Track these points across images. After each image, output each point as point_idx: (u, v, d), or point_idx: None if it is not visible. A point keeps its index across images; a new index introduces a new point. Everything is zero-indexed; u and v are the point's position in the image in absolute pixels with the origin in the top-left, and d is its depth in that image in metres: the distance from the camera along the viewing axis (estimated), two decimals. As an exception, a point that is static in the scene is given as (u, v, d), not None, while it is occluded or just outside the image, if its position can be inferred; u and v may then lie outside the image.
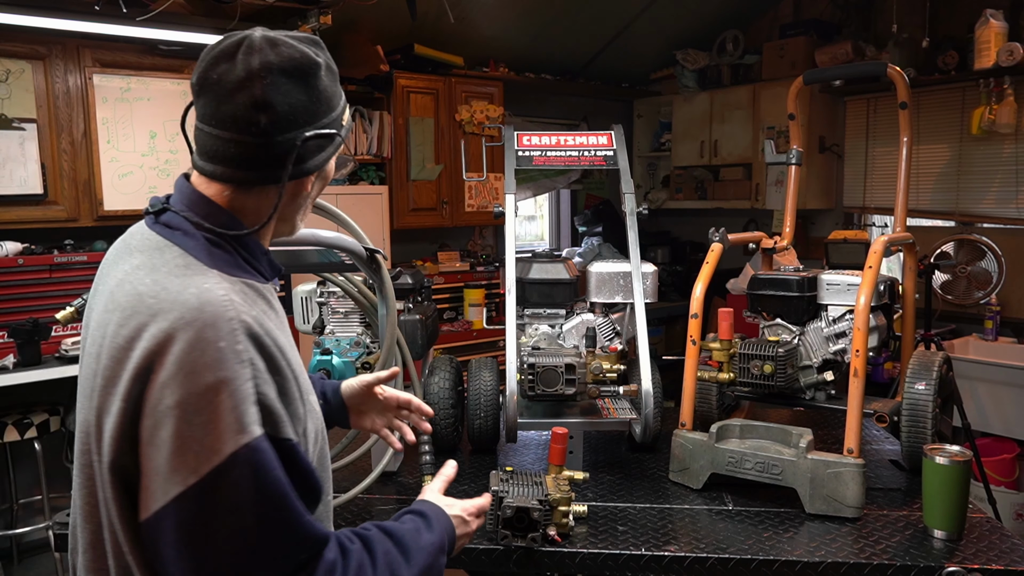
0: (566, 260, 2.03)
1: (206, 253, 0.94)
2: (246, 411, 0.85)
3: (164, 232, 0.96)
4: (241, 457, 0.83)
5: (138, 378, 0.85)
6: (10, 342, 3.13)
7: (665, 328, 5.81)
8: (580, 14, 4.89)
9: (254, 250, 1.01)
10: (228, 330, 0.86)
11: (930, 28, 4.40)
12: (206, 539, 0.83)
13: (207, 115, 0.95)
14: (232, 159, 0.95)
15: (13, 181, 3.27)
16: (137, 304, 0.89)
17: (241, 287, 0.94)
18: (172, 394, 0.83)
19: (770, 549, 1.42)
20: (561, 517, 1.44)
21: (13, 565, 3.53)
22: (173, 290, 0.89)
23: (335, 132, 1.00)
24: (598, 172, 6.05)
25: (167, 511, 0.83)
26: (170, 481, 0.83)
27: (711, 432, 1.69)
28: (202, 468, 0.82)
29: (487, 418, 1.86)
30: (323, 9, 3.51)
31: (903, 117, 2.04)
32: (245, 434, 0.84)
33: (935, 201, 4.60)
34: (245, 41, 0.94)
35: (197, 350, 0.84)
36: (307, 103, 0.96)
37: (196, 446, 0.83)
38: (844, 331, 1.86)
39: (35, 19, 3.07)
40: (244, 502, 0.84)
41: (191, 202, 0.97)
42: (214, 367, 0.84)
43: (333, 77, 1.02)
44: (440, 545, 1.08)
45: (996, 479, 3.63)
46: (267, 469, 0.85)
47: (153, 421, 0.84)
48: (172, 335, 0.85)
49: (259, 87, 0.92)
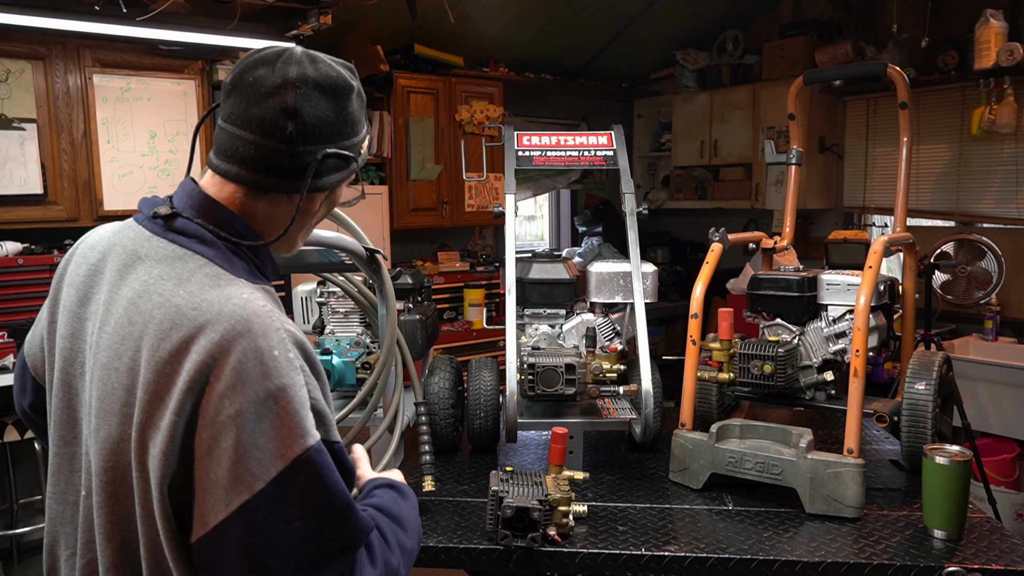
0: (566, 260, 2.03)
1: (227, 262, 0.95)
2: (305, 416, 0.86)
3: (180, 240, 0.95)
4: (305, 460, 0.84)
5: (190, 392, 0.84)
6: (10, 342, 3.13)
7: (665, 328, 5.81)
8: (580, 14, 4.89)
9: (264, 257, 1.03)
10: (279, 339, 0.88)
11: (930, 28, 4.40)
12: (273, 545, 0.83)
13: (235, 115, 0.96)
14: (251, 161, 0.96)
15: (13, 181, 3.27)
16: (177, 316, 0.88)
17: (263, 294, 0.96)
18: (232, 404, 0.84)
19: (770, 549, 1.43)
20: (561, 517, 1.44)
21: (13, 565, 3.53)
22: (215, 301, 0.89)
23: (353, 156, 1.02)
24: (598, 172, 6.05)
25: (230, 523, 0.83)
26: (232, 491, 0.83)
27: (711, 432, 1.69)
28: (267, 474, 0.83)
29: (487, 418, 1.86)
30: (323, 9, 3.51)
31: (903, 117, 2.04)
32: (307, 438, 0.86)
33: (935, 201, 4.60)
34: (287, 52, 0.98)
35: (254, 359, 0.85)
36: (334, 121, 0.98)
37: (259, 453, 0.83)
38: (844, 331, 1.86)
39: (35, 19, 3.07)
40: (310, 504, 0.85)
41: (203, 208, 0.97)
42: (272, 375, 0.85)
43: (362, 105, 1.05)
44: (415, 504, 1.11)
45: (996, 479, 3.63)
46: (329, 471, 0.87)
47: (212, 433, 0.84)
48: (226, 347, 0.85)
49: (292, 95, 0.94)
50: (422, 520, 1.55)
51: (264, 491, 0.83)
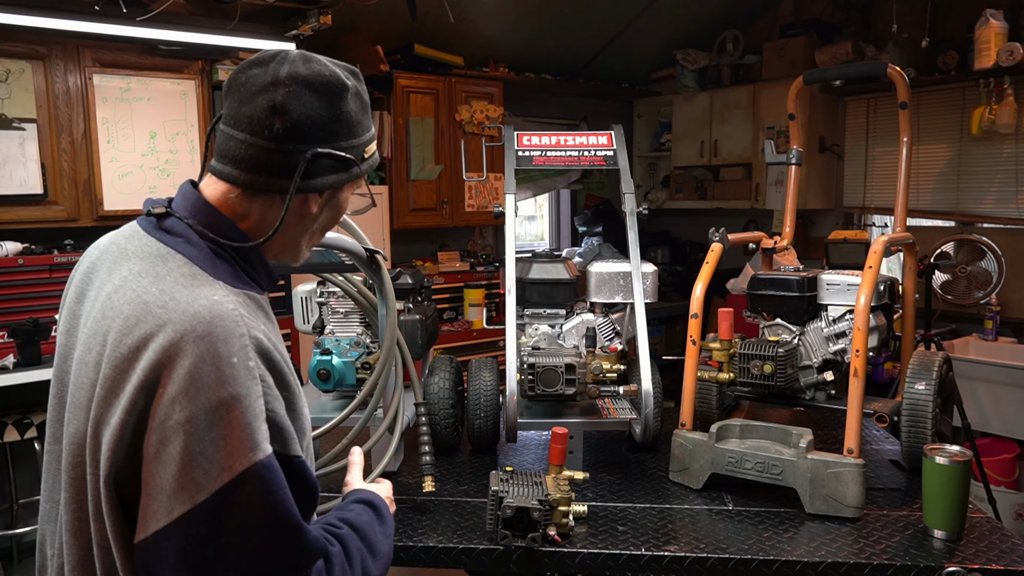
0: (566, 260, 2.03)
1: (210, 263, 0.94)
2: (258, 428, 0.84)
3: (165, 239, 0.95)
4: (252, 475, 0.82)
5: (143, 390, 0.83)
6: (10, 342, 3.13)
7: (665, 328, 5.81)
8: (580, 14, 4.89)
9: (254, 262, 1.00)
10: (240, 346, 0.85)
11: (930, 28, 4.40)
12: (213, 559, 0.81)
13: (229, 115, 0.97)
14: (241, 160, 0.95)
15: (13, 181, 3.27)
16: (143, 313, 0.86)
17: (244, 299, 0.94)
18: (182, 409, 0.81)
19: (770, 549, 1.42)
20: (561, 517, 1.44)
21: (13, 565, 3.53)
22: (182, 301, 0.87)
23: (350, 158, 1.00)
24: (598, 172, 6.05)
25: (170, 531, 0.81)
26: (175, 499, 0.80)
27: (711, 432, 1.69)
28: (212, 485, 0.80)
29: (487, 418, 1.86)
30: (323, 9, 3.51)
31: (903, 117, 2.04)
32: (257, 451, 0.83)
33: (935, 201, 4.60)
34: (281, 53, 0.97)
35: (210, 365, 0.83)
36: (325, 120, 0.96)
37: (206, 463, 0.81)
38: (844, 331, 1.86)
39: (35, 19, 3.07)
40: (254, 520, 0.82)
41: (195, 209, 0.97)
42: (227, 383, 0.83)
43: (362, 106, 1.02)
44: (391, 532, 1.10)
45: (996, 479, 3.63)
46: (277, 487, 0.84)
47: (160, 437, 0.82)
48: (182, 348, 0.83)
49: (281, 93, 0.93)
50: (422, 520, 1.55)
51: (207, 502, 0.80)
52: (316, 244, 1.11)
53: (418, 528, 1.52)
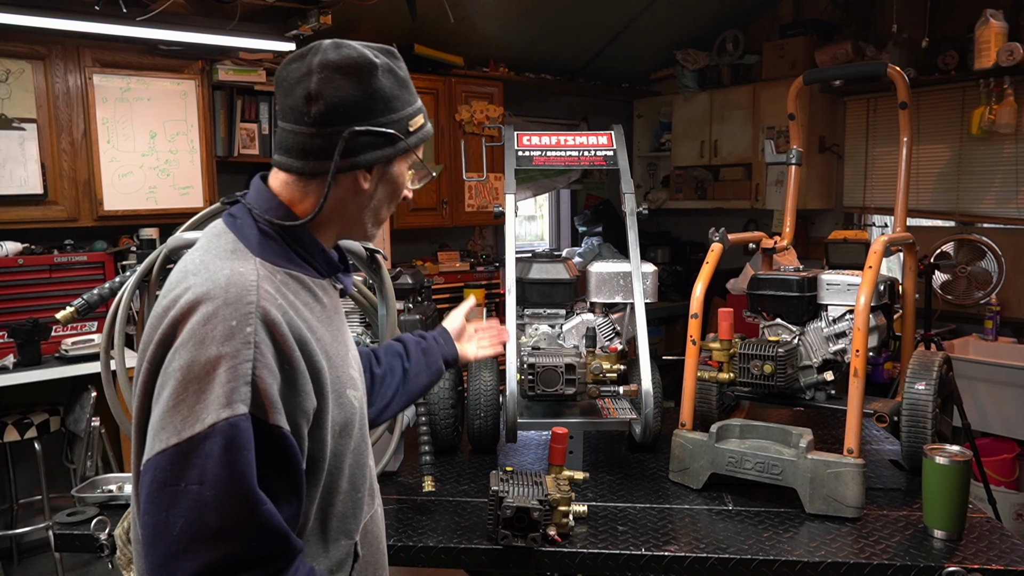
0: (566, 260, 2.03)
1: (257, 242, 1.02)
2: (237, 388, 0.88)
3: (227, 220, 1.05)
4: (219, 429, 0.86)
5: (162, 342, 0.91)
6: (10, 342, 3.13)
7: (665, 328, 5.80)
8: (580, 14, 4.89)
9: (308, 245, 1.06)
10: (244, 312, 0.91)
11: (930, 28, 4.40)
12: (169, 500, 0.85)
13: (278, 110, 1.06)
14: (291, 148, 1.03)
15: (13, 181, 3.27)
16: (181, 278, 0.96)
17: (283, 277, 1.00)
18: (179, 358, 0.89)
19: (770, 549, 1.43)
20: (561, 517, 1.44)
21: (13, 565, 3.53)
22: (212, 269, 0.95)
23: (393, 133, 1.05)
24: (598, 172, 6.05)
25: (148, 465, 0.88)
26: (157, 438, 0.87)
27: (711, 432, 1.69)
28: (184, 432, 0.86)
29: (487, 418, 1.86)
30: (323, 9, 3.51)
31: (903, 117, 2.04)
32: (229, 408, 0.87)
33: (935, 201, 4.60)
34: (315, 45, 1.04)
35: (210, 323, 0.90)
36: (359, 99, 1.02)
37: (185, 410, 0.87)
38: (844, 331, 1.86)
39: (35, 19, 3.07)
40: (209, 473, 0.85)
41: (256, 196, 1.06)
42: (220, 341, 0.89)
43: (397, 82, 1.07)
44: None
45: (996, 479, 3.63)
46: (239, 447, 0.87)
47: (162, 381, 0.90)
48: (195, 307, 0.91)
49: (314, 81, 1.00)
50: (422, 520, 1.55)
51: (177, 446, 0.86)
52: (383, 220, 1.16)
53: (418, 528, 1.52)
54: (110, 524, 1.53)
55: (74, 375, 3.17)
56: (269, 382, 0.91)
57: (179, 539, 0.85)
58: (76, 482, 3.17)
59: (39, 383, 3.10)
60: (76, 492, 1.69)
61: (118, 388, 1.60)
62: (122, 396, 1.59)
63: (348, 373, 1.07)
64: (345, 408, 1.04)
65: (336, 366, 1.03)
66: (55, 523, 1.58)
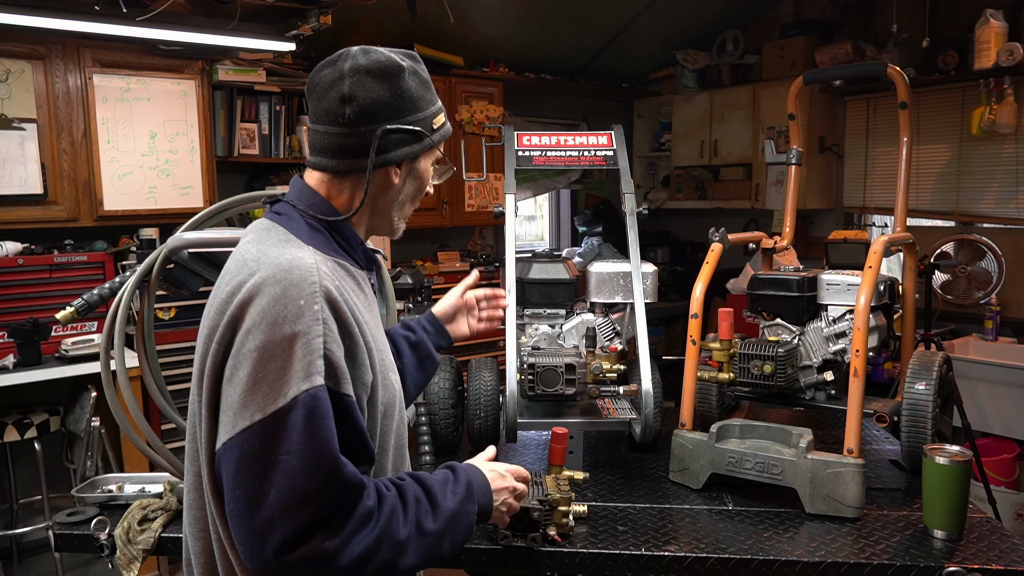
0: (566, 260, 2.03)
1: (305, 234, 1.09)
2: (313, 362, 0.95)
3: (273, 216, 1.13)
4: (301, 401, 0.92)
5: (231, 324, 0.97)
6: (10, 342, 3.13)
7: (665, 328, 5.80)
8: (580, 14, 4.89)
9: (350, 238, 1.15)
10: (310, 292, 0.98)
11: (930, 28, 4.39)
12: (260, 473, 0.92)
13: (311, 114, 1.13)
14: (326, 149, 1.11)
15: (13, 181, 3.27)
16: (241, 266, 1.03)
17: (333, 264, 1.08)
18: (254, 339, 0.95)
19: (770, 549, 1.42)
20: (561, 517, 1.44)
21: (13, 565, 3.53)
22: (272, 255, 1.02)
23: (420, 130, 1.13)
24: (598, 172, 6.05)
25: (232, 443, 0.93)
26: (240, 415, 0.93)
27: (711, 432, 1.69)
28: (268, 407, 0.92)
29: (487, 418, 1.86)
30: (323, 9, 3.51)
31: (903, 117, 2.04)
32: (308, 381, 0.94)
33: (935, 201, 4.60)
34: (345, 52, 1.12)
35: (280, 304, 0.96)
36: (389, 100, 1.10)
37: (267, 387, 0.93)
38: (844, 331, 1.86)
39: (35, 19, 3.07)
40: (296, 442, 0.92)
41: (299, 193, 1.14)
42: (293, 320, 0.95)
43: (421, 83, 1.15)
44: (466, 494, 1.13)
45: (996, 479, 3.63)
46: (321, 416, 0.93)
47: (235, 362, 0.96)
48: (262, 288, 0.97)
49: (347, 84, 1.08)
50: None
51: (263, 421, 0.92)
52: (408, 215, 1.24)
53: (418, 528, 1.52)
54: (110, 524, 1.53)
55: (74, 375, 3.17)
56: (338, 355, 0.98)
57: (274, 506, 0.91)
58: (76, 482, 3.17)
59: (39, 383, 3.10)
60: (76, 492, 1.69)
61: (118, 388, 1.60)
62: (122, 396, 1.59)
63: (389, 358, 1.15)
64: (389, 390, 1.12)
65: (380, 349, 1.11)
66: (55, 523, 1.58)
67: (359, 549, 0.96)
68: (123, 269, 3.50)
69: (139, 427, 1.62)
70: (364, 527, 0.97)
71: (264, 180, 4.10)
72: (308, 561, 0.92)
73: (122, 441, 3.35)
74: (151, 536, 1.48)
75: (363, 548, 0.96)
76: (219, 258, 1.57)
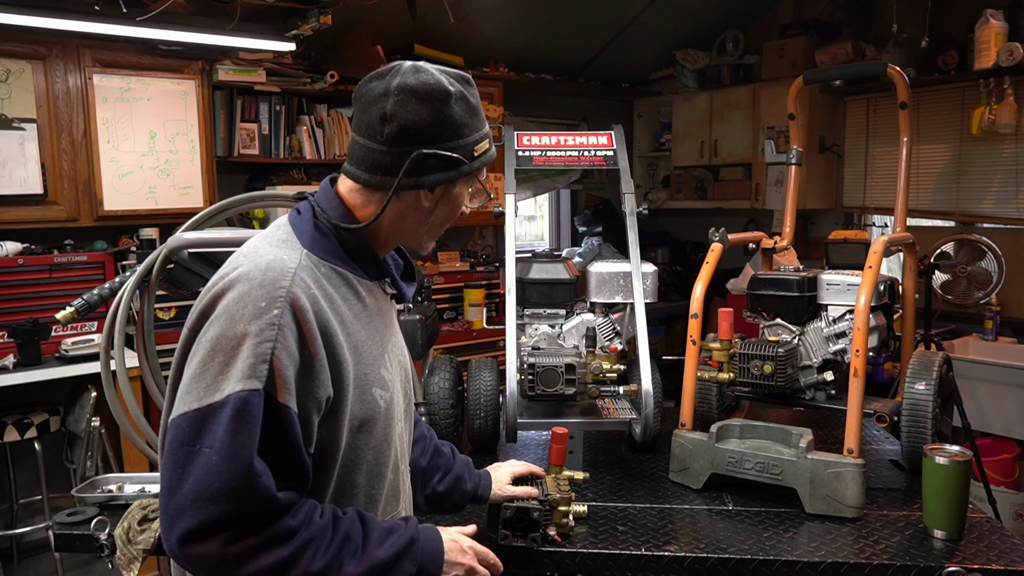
0: (566, 260, 2.03)
1: (310, 236, 1.09)
2: (256, 365, 0.95)
3: (292, 215, 1.14)
4: (232, 400, 0.93)
5: (203, 312, 1.00)
6: (10, 342, 3.13)
7: (665, 328, 5.80)
8: (580, 14, 4.89)
9: (359, 248, 1.13)
10: (274, 295, 0.98)
11: (930, 28, 4.39)
12: (184, 459, 0.94)
13: (354, 123, 1.12)
14: (361, 161, 1.11)
15: (13, 181, 3.27)
16: (235, 259, 1.05)
17: (327, 271, 1.08)
18: (212, 330, 0.98)
19: (770, 549, 1.42)
20: (561, 517, 1.44)
21: (13, 565, 3.53)
22: (260, 253, 1.03)
23: (458, 157, 1.10)
24: (598, 172, 6.05)
25: (171, 424, 0.97)
26: (183, 400, 0.96)
27: (711, 432, 1.69)
28: (205, 399, 0.94)
29: (487, 418, 1.86)
30: (323, 9, 3.51)
31: (903, 117, 2.04)
32: (245, 383, 0.94)
33: (935, 201, 4.60)
34: (396, 66, 1.10)
35: (243, 302, 0.98)
36: (430, 124, 1.08)
37: (209, 379, 0.95)
38: (844, 331, 1.86)
39: (35, 19, 3.07)
40: (218, 440, 0.93)
41: (323, 196, 1.14)
42: (248, 320, 0.97)
43: (468, 109, 1.12)
44: (403, 551, 1.07)
45: (996, 479, 3.63)
46: (247, 419, 0.94)
47: (195, 348, 0.99)
48: (234, 283, 1.00)
49: (391, 102, 1.06)
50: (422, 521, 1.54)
51: (197, 411, 0.94)
52: (439, 235, 1.23)
53: (418, 528, 1.52)
54: (110, 524, 1.53)
55: (74, 375, 3.17)
56: (286, 364, 0.97)
57: (187, 495, 0.92)
58: (76, 482, 3.17)
59: (39, 383, 3.10)
60: (76, 492, 1.69)
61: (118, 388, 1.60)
62: (122, 396, 1.59)
63: (378, 372, 1.11)
64: (368, 405, 1.09)
65: (365, 363, 1.08)
66: (55, 523, 1.58)
67: (261, 565, 0.94)
68: (123, 269, 3.50)
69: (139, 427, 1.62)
70: (274, 545, 0.95)
71: (264, 180, 4.11)
72: (204, 559, 0.93)
73: (122, 441, 3.35)
74: (151, 536, 1.48)
75: (266, 565, 0.95)
76: (219, 258, 1.57)
